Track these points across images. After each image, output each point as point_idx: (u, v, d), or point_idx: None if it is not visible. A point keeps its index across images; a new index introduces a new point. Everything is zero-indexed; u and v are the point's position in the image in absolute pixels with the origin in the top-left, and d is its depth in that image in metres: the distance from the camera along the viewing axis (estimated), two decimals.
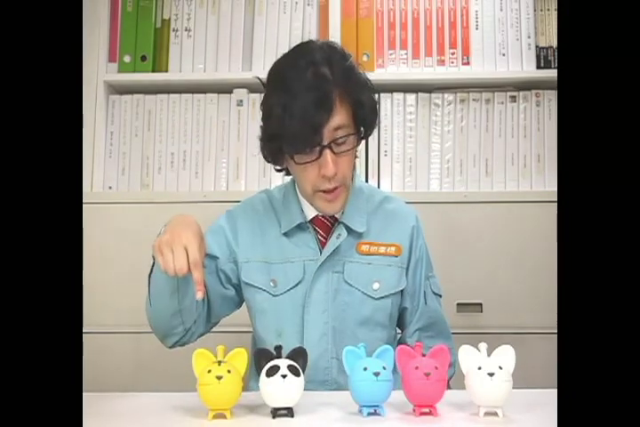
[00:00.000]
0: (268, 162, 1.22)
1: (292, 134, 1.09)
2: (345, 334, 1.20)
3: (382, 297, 1.21)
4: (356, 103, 1.14)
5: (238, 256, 1.25)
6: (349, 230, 1.21)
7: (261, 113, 1.17)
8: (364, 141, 1.34)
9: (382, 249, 1.23)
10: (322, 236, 1.23)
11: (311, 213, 1.23)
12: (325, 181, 1.14)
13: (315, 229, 1.23)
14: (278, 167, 1.23)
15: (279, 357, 0.91)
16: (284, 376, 0.88)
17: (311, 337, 1.18)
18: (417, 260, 1.27)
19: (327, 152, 1.11)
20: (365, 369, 0.90)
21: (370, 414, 0.92)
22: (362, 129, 1.18)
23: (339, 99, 1.11)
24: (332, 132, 1.11)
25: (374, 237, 1.23)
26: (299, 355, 0.92)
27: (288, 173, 1.24)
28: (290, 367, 0.89)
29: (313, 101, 1.08)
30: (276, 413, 0.91)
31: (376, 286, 1.21)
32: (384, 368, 0.90)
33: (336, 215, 1.23)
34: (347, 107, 1.13)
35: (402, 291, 1.25)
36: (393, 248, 1.23)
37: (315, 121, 1.08)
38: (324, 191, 1.16)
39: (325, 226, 1.23)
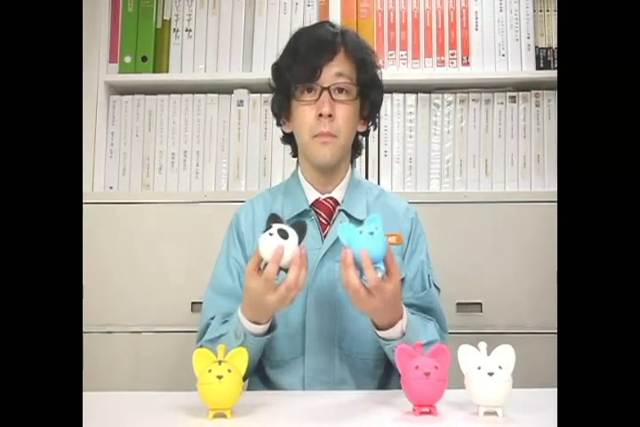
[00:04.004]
0: (275, 114, 1.32)
1: (297, 70, 1.22)
2: (347, 320, 1.21)
3: None
4: (360, 61, 1.24)
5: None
6: (350, 218, 1.24)
7: (271, 70, 1.30)
8: (363, 140, 1.35)
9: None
10: (324, 219, 1.26)
11: (313, 195, 1.27)
12: (321, 123, 1.21)
13: (317, 213, 1.26)
14: (285, 130, 1.32)
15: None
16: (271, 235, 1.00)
17: (313, 325, 1.21)
18: (414, 248, 1.29)
19: (326, 93, 1.21)
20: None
21: None
22: (363, 92, 1.25)
23: (343, 52, 1.23)
24: (334, 77, 1.22)
25: None
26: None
27: (295, 156, 1.34)
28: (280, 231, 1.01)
29: (316, 44, 1.22)
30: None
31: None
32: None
33: (336, 198, 1.27)
34: (350, 63, 1.24)
35: (402, 280, 1.26)
36: (394, 238, 1.26)
37: (316, 61, 1.21)
38: (319, 135, 1.22)
39: (327, 209, 1.26)
